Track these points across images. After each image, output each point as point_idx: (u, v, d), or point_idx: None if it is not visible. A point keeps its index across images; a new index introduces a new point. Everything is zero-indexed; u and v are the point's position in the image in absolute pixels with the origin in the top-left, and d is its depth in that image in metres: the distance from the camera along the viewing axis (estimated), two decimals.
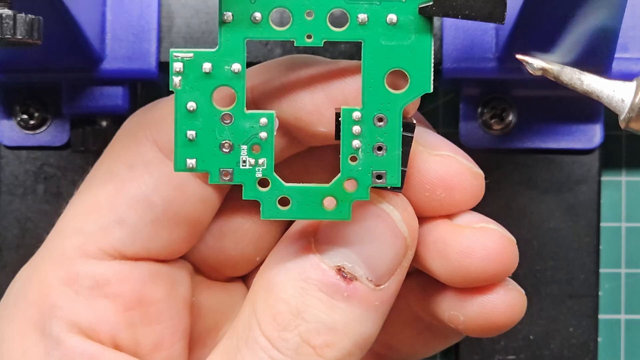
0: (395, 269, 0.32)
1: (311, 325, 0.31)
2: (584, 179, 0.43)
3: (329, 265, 0.32)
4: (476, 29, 0.40)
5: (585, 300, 0.43)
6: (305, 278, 0.32)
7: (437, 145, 0.33)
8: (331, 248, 0.32)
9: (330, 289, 0.31)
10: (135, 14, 0.41)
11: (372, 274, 0.32)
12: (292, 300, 0.31)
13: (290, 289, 0.32)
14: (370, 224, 0.32)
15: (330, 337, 0.31)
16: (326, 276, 0.31)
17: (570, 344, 0.43)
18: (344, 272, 0.31)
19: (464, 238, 0.33)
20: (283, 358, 0.31)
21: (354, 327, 0.31)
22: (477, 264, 0.33)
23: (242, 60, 0.31)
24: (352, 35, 0.31)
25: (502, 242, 0.33)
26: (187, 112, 0.31)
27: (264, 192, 0.31)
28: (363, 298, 0.31)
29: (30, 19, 0.30)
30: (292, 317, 0.31)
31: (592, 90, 0.28)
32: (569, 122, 0.42)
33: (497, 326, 0.34)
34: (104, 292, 0.33)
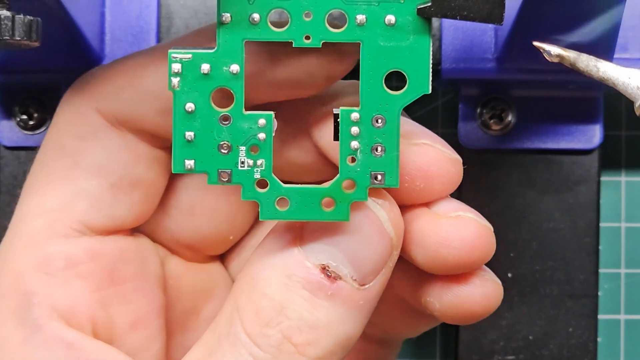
0: (381, 269, 0.32)
1: (293, 322, 0.31)
2: (583, 179, 0.43)
3: (314, 264, 0.31)
4: (475, 30, 0.40)
5: (584, 301, 0.43)
6: (289, 275, 0.31)
7: (413, 134, 0.33)
8: (317, 246, 0.32)
9: (313, 287, 0.31)
10: (134, 14, 0.41)
11: (356, 274, 0.32)
12: (275, 297, 0.31)
13: (274, 285, 0.31)
14: (356, 224, 0.32)
15: (312, 336, 0.31)
16: (310, 274, 0.31)
17: (570, 344, 0.43)
18: (329, 271, 0.31)
19: (441, 228, 0.33)
20: (263, 355, 0.31)
21: (336, 326, 0.31)
22: (453, 253, 0.33)
23: (240, 61, 0.31)
24: (350, 36, 0.31)
25: (479, 231, 0.33)
26: (185, 113, 0.31)
27: (262, 193, 0.31)
28: (347, 297, 0.31)
29: (29, 20, 0.30)
30: (275, 313, 0.31)
31: (608, 77, 0.28)
32: (569, 122, 0.42)
33: (472, 315, 0.34)
34: (78, 271, 0.33)
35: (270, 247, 0.32)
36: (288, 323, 0.31)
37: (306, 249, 0.32)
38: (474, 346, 0.43)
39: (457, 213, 0.33)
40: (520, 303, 0.43)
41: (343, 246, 0.32)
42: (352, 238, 0.32)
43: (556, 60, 0.29)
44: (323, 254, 0.32)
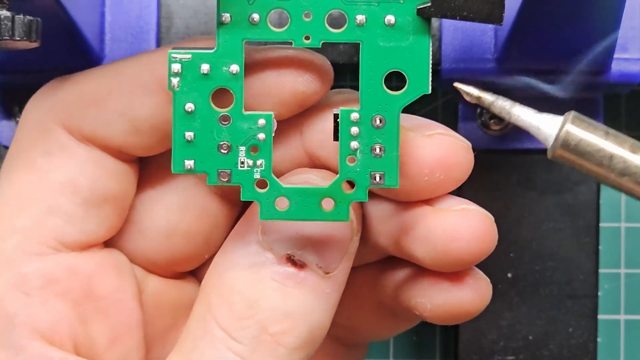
0: (343, 255, 0.32)
1: (267, 313, 0.31)
2: (583, 179, 0.43)
3: (279, 255, 0.32)
4: (475, 30, 0.40)
5: (584, 301, 0.43)
6: (257, 269, 0.32)
7: (423, 126, 0.33)
8: (280, 237, 0.32)
9: (282, 277, 0.31)
10: (134, 14, 0.41)
11: (321, 261, 0.32)
12: (246, 291, 0.31)
13: (243, 281, 0.32)
14: None
15: (287, 324, 0.31)
16: (278, 265, 0.32)
17: (570, 344, 0.43)
18: (295, 260, 0.32)
19: (448, 222, 0.33)
20: (242, 347, 0.31)
21: (308, 313, 0.32)
22: (464, 246, 0.33)
23: (240, 62, 0.31)
24: (350, 37, 0.31)
25: (485, 221, 0.33)
26: (185, 114, 0.31)
27: (262, 193, 0.31)
28: (314, 285, 0.32)
29: (29, 20, 0.30)
30: (248, 306, 0.31)
31: (521, 123, 0.29)
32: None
33: (465, 314, 0.34)
34: (56, 289, 0.33)
35: (234, 244, 0.32)
36: (263, 314, 0.31)
37: (269, 242, 0.32)
38: (474, 346, 0.43)
39: (461, 207, 0.33)
40: (520, 303, 0.43)
41: (306, 235, 0.32)
42: (314, 226, 0.32)
43: (475, 101, 0.29)
44: (287, 243, 0.32)
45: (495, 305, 0.43)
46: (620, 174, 0.28)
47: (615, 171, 0.28)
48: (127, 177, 0.35)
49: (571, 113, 0.28)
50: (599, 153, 0.28)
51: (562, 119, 0.28)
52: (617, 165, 0.28)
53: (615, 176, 0.28)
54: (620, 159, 0.28)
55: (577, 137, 0.28)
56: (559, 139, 0.28)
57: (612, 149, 0.28)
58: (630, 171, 0.28)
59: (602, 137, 0.28)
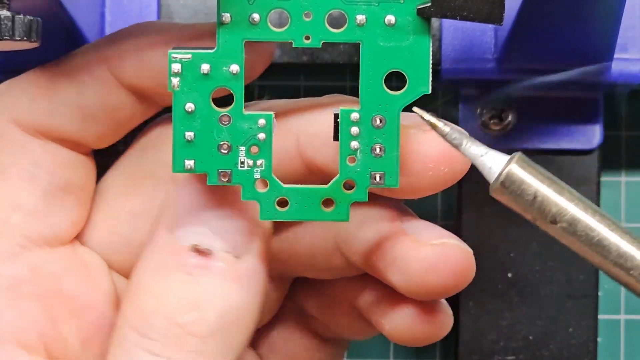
0: (252, 238, 0.32)
1: (175, 305, 0.31)
2: (583, 180, 0.43)
3: (185, 247, 0.31)
4: (475, 30, 0.40)
5: (584, 301, 0.43)
6: (164, 265, 0.31)
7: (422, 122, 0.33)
8: (185, 229, 0.32)
9: (189, 267, 0.31)
10: (134, 14, 0.41)
11: (228, 246, 0.31)
12: (154, 288, 0.31)
13: (151, 279, 0.31)
14: (217, 197, 0.32)
15: (197, 314, 0.31)
16: (184, 257, 0.31)
17: (570, 344, 0.43)
18: (201, 249, 0.31)
19: (426, 256, 0.33)
20: (154, 344, 0.31)
21: (219, 300, 0.31)
22: (441, 280, 0.33)
23: (240, 62, 0.31)
24: (350, 37, 0.31)
25: (463, 257, 0.33)
26: (185, 114, 0.31)
27: (262, 193, 0.31)
28: (223, 270, 0.31)
29: (29, 20, 0.30)
30: (155, 302, 0.31)
31: (469, 157, 0.30)
32: (568, 122, 0.42)
33: (420, 342, 0.35)
34: (23, 291, 0.33)
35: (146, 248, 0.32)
36: (170, 307, 0.31)
37: (176, 236, 0.32)
38: (474, 346, 0.43)
39: (440, 240, 0.33)
40: (520, 303, 0.43)
41: (211, 223, 0.32)
42: (217, 212, 0.32)
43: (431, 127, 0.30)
44: (193, 235, 0.31)
45: (495, 305, 0.43)
46: (551, 221, 0.29)
47: (548, 217, 0.29)
48: (84, 168, 0.35)
49: (517, 154, 0.29)
50: (535, 196, 0.29)
51: (508, 159, 0.29)
52: (549, 212, 0.29)
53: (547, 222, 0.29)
54: (554, 204, 0.29)
55: (517, 177, 0.29)
56: (500, 178, 0.29)
57: (548, 194, 0.29)
58: (562, 218, 0.29)
59: (541, 181, 0.29)
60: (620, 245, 0.29)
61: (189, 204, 0.32)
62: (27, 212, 0.33)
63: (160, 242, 0.32)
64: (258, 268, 0.32)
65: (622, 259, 0.29)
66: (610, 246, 0.29)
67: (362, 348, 0.46)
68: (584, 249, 0.29)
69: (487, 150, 0.30)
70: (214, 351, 0.31)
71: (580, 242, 0.29)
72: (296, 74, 0.45)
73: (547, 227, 0.29)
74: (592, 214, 0.29)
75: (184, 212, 0.32)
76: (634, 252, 0.29)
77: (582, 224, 0.29)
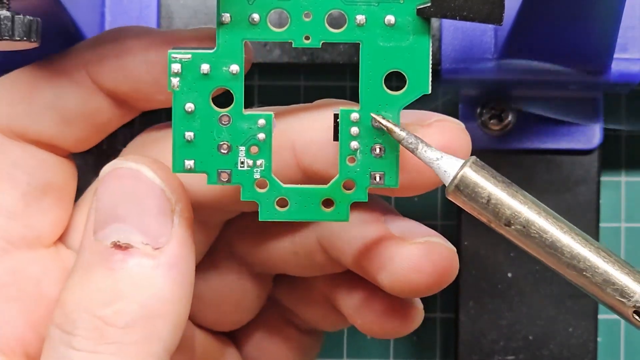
0: (167, 227, 0.32)
1: (96, 299, 0.31)
2: (583, 180, 0.43)
3: (107, 245, 0.31)
4: (475, 30, 0.40)
5: (584, 301, 0.43)
6: (87, 265, 0.31)
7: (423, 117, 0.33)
8: (106, 229, 0.32)
9: (110, 263, 0.31)
10: (134, 14, 0.41)
11: (146, 237, 0.31)
12: (76, 286, 0.31)
13: (74, 279, 0.31)
14: (125, 189, 0.32)
15: (117, 305, 0.31)
16: (105, 254, 0.31)
17: (570, 344, 0.43)
18: (120, 244, 0.31)
19: (411, 254, 0.33)
20: (76, 339, 0.31)
21: (140, 290, 0.31)
22: (425, 278, 0.33)
23: (240, 62, 0.31)
24: (350, 37, 0.31)
25: (447, 255, 0.34)
26: (185, 114, 0.31)
27: (262, 193, 0.31)
28: (141, 262, 0.31)
29: (29, 20, 0.30)
30: (77, 299, 0.31)
31: (425, 160, 0.30)
32: (568, 122, 0.42)
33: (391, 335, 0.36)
34: (3, 294, 0.33)
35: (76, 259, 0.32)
36: (90, 301, 0.31)
37: (98, 237, 0.32)
38: (474, 346, 0.43)
39: (425, 239, 0.34)
40: (520, 303, 0.43)
41: (127, 218, 0.32)
42: (129, 206, 0.32)
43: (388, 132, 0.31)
44: (113, 233, 0.31)
45: (495, 305, 0.43)
46: (505, 223, 0.30)
47: (502, 220, 0.30)
48: (63, 169, 0.35)
49: (471, 159, 0.30)
50: (489, 199, 0.30)
51: (462, 163, 0.30)
52: (503, 214, 0.30)
53: (501, 224, 0.30)
54: (508, 207, 0.30)
55: (471, 181, 0.30)
56: (455, 181, 0.30)
57: (502, 197, 0.30)
58: (516, 220, 0.30)
59: (495, 184, 0.30)
60: (573, 246, 0.29)
61: (108, 205, 0.32)
62: (7, 214, 0.34)
63: (85, 246, 0.32)
64: (180, 255, 0.32)
65: (575, 260, 0.29)
66: (563, 248, 0.29)
67: (362, 348, 0.46)
68: (538, 250, 0.30)
69: (442, 155, 0.30)
70: (137, 341, 0.31)
71: (535, 244, 0.30)
72: (296, 74, 0.45)
73: (502, 230, 0.30)
74: (546, 216, 0.30)
75: (105, 213, 0.32)
76: (587, 253, 0.29)
77: (536, 226, 0.29)
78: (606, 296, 0.29)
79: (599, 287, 0.29)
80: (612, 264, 0.29)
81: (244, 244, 0.37)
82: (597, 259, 0.29)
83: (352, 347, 0.46)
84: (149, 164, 0.32)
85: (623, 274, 0.29)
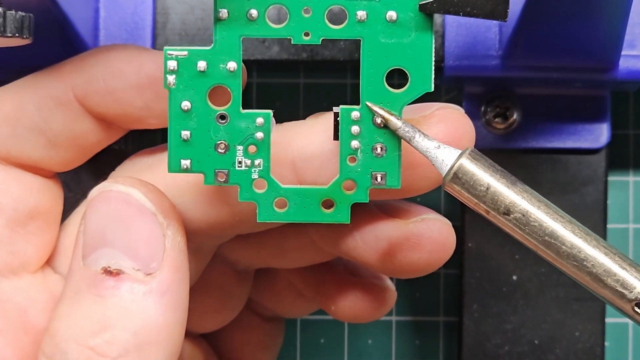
0: (159, 252, 0.32)
1: (86, 328, 0.31)
2: (590, 180, 0.43)
3: (96, 270, 0.31)
4: (479, 26, 0.40)
5: (591, 304, 0.43)
6: (76, 292, 0.31)
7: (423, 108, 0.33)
8: (95, 254, 0.31)
9: (99, 290, 0.31)
10: (129, 10, 0.41)
11: (137, 263, 0.31)
12: (65, 315, 0.31)
13: (63, 307, 0.31)
14: (114, 212, 0.32)
15: (109, 334, 0.31)
16: (95, 280, 0.31)
17: (577, 348, 0.43)
18: (110, 270, 0.31)
19: (410, 233, 0.34)
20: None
21: (131, 319, 0.31)
22: (425, 256, 0.34)
23: (237, 59, 0.31)
24: (350, 33, 0.31)
25: (445, 230, 0.34)
26: (181, 112, 0.31)
27: (260, 193, 0.31)
28: (132, 288, 0.31)
29: (21, 16, 0.30)
30: (67, 328, 0.31)
31: (422, 150, 0.31)
32: (575, 121, 0.42)
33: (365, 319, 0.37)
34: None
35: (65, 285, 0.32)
36: (81, 331, 0.31)
37: (87, 262, 0.31)
38: (478, 351, 0.43)
39: (421, 217, 0.34)
40: (525, 306, 0.43)
41: (116, 243, 0.31)
42: (119, 230, 0.31)
43: (382, 123, 0.31)
44: (102, 258, 0.31)
45: (500, 309, 0.43)
46: (504, 212, 0.30)
47: (500, 209, 0.30)
48: (50, 191, 0.35)
49: (468, 149, 0.30)
50: (488, 187, 0.30)
51: (459, 153, 0.30)
52: (502, 202, 0.30)
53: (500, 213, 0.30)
54: (505, 197, 0.30)
55: (468, 171, 0.30)
56: (452, 171, 0.30)
57: (500, 185, 0.30)
58: (515, 209, 0.30)
59: (493, 173, 0.30)
60: (574, 236, 0.29)
61: (96, 228, 0.32)
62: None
63: (74, 271, 0.32)
64: (173, 281, 0.32)
65: (576, 250, 0.29)
66: (564, 237, 0.29)
67: (363, 352, 0.46)
68: (537, 240, 0.30)
69: (439, 144, 0.30)
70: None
71: (533, 233, 0.30)
72: (295, 72, 0.45)
73: (500, 219, 0.30)
74: (545, 205, 0.30)
75: (93, 237, 0.32)
76: (587, 243, 0.29)
77: (535, 215, 0.30)
78: (606, 289, 0.29)
79: (600, 278, 0.29)
80: (613, 255, 0.29)
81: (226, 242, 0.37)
82: (598, 249, 0.29)
83: (353, 350, 0.46)
84: (139, 187, 0.32)
85: (624, 266, 0.29)
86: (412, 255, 0.34)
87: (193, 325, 0.38)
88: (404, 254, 0.34)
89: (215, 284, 0.38)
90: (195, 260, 0.36)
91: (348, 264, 0.38)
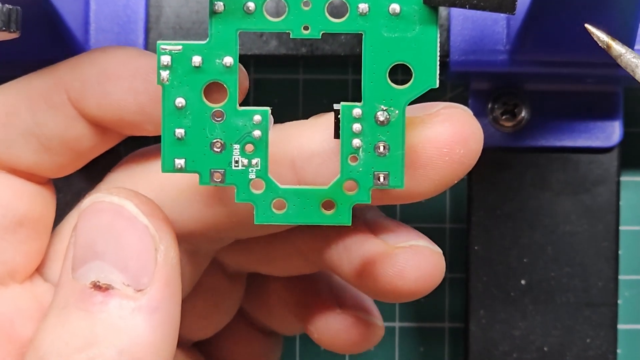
0: (150, 266, 0.31)
1: (72, 344, 0.31)
2: (602, 179, 0.43)
3: (85, 284, 0.31)
4: (486, 19, 0.40)
5: (603, 309, 0.43)
6: (64, 306, 0.31)
7: (427, 107, 0.32)
8: (85, 267, 0.31)
9: (88, 305, 0.31)
10: (121, 3, 0.41)
11: (127, 277, 0.31)
12: (51, 329, 0.31)
13: (50, 321, 0.31)
14: (106, 225, 0.32)
15: (94, 351, 0.30)
16: (83, 294, 0.31)
17: (588, 355, 0.43)
18: (100, 284, 0.31)
19: (396, 260, 0.34)
20: None
21: (118, 336, 0.31)
22: (410, 284, 0.34)
23: (234, 54, 0.31)
24: (352, 27, 0.31)
25: (434, 259, 0.34)
26: (175, 109, 0.31)
27: (258, 194, 0.31)
28: (121, 304, 0.31)
29: (8, 9, 0.30)
30: (52, 343, 0.31)
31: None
32: (586, 118, 0.42)
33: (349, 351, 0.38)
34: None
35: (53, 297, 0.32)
36: (64, 345, 0.31)
37: (76, 275, 0.31)
38: (485, 358, 0.43)
39: (410, 243, 0.34)
40: (534, 312, 0.43)
41: (106, 256, 0.31)
42: (110, 243, 0.31)
43: (604, 47, 0.29)
44: (92, 272, 0.31)
45: (508, 314, 0.43)
46: None
47: None
48: (42, 198, 0.35)
49: None
50: None
51: None
52: None
53: None
54: None
55: None
56: None
57: None
58: None
59: None
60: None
61: (87, 240, 0.32)
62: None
63: (63, 284, 0.32)
64: (164, 297, 0.31)
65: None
66: None
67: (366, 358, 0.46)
68: None
69: None
70: None
71: None
72: (295, 67, 0.45)
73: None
74: None
75: (83, 249, 0.32)
76: None
77: None
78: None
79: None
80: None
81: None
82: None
83: (355, 358, 0.46)
84: (132, 198, 0.32)
85: None
86: (396, 282, 0.34)
87: (186, 332, 0.38)
88: (387, 280, 0.34)
89: (206, 286, 0.38)
90: (192, 264, 0.36)
91: (337, 291, 0.39)
